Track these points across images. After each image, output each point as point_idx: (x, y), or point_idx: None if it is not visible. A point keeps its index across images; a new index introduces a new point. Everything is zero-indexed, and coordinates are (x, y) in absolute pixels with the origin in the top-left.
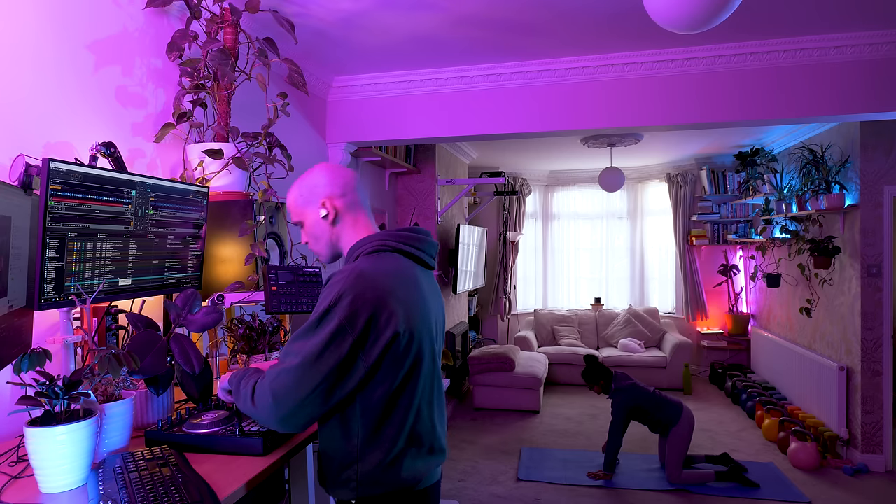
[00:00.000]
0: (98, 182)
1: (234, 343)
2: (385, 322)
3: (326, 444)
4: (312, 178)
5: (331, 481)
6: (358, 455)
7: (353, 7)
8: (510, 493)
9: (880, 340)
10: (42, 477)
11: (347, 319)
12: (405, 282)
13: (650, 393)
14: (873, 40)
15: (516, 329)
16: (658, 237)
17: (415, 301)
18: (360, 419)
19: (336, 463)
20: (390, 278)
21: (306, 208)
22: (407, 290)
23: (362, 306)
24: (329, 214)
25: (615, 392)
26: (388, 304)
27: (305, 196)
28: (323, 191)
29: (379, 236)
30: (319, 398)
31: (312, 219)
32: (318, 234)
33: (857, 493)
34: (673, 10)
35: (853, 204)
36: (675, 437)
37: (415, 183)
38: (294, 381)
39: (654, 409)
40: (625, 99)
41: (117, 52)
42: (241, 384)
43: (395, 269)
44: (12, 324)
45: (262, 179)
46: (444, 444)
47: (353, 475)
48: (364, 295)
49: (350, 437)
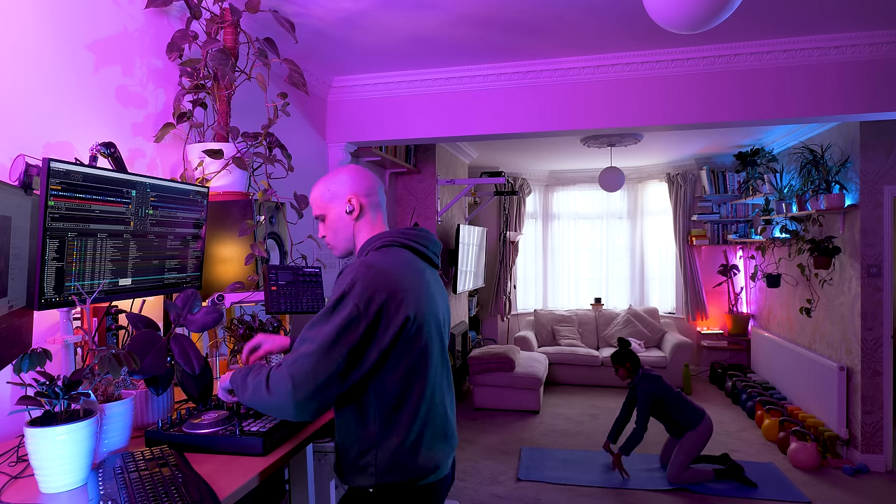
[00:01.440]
0: (98, 182)
1: (234, 343)
2: (395, 308)
3: (344, 433)
4: (342, 175)
5: (349, 469)
6: (376, 440)
7: (353, 7)
8: (510, 493)
9: (880, 340)
10: (42, 477)
11: (361, 306)
12: (412, 272)
13: (674, 391)
14: (873, 40)
15: (516, 329)
16: (658, 237)
17: (421, 290)
18: (375, 405)
19: (355, 450)
20: (399, 268)
21: (332, 202)
22: (414, 280)
23: (374, 293)
24: (354, 210)
25: (642, 378)
26: (397, 292)
27: (333, 191)
28: (350, 188)
29: (388, 234)
30: (336, 382)
31: (336, 213)
32: (338, 228)
33: (857, 493)
34: (673, 10)
35: (853, 204)
36: (688, 440)
37: (415, 183)
38: (312, 365)
39: (673, 409)
40: (625, 99)
41: (117, 52)
42: (248, 378)
43: (403, 261)
44: (12, 324)
45: (262, 179)
46: (455, 429)
47: (371, 460)
48: (375, 283)
49: (367, 424)
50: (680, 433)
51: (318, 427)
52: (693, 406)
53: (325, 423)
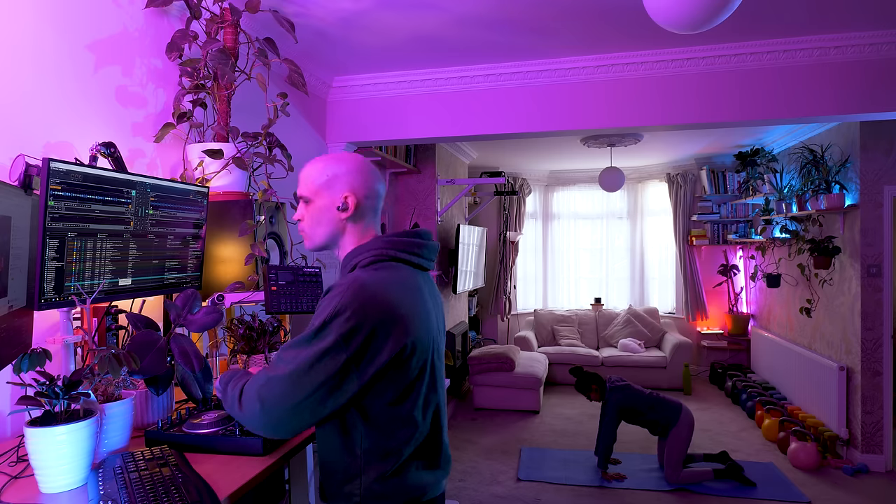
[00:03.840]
0: (98, 182)
1: (234, 343)
2: (383, 340)
3: (327, 455)
4: (346, 165)
5: (332, 495)
6: (361, 468)
7: (353, 7)
8: (510, 493)
9: (880, 340)
10: (42, 477)
11: (344, 337)
12: (407, 293)
13: (644, 394)
14: (874, 40)
15: (516, 329)
16: (658, 237)
17: (417, 312)
18: (361, 430)
19: (338, 476)
20: (392, 290)
21: (325, 190)
22: (410, 302)
23: (362, 322)
24: (348, 209)
25: (610, 391)
26: (389, 320)
27: (330, 178)
28: (351, 183)
29: (376, 245)
30: (308, 409)
31: (325, 203)
32: (321, 221)
33: (857, 493)
34: (673, 10)
35: (853, 204)
36: (674, 438)
37: (415, 183)
38: (283, 390)
39: (647, 410)
40: (625, 99)
41: (117, 52)
42: (228, 387)
43: (396, 279)
44: (12, 324)
45: (262, 179)
46: (448, 452)
47: (355, 489)
48: (364, 310)
49: (353, 449)
50: (664, 432)
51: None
52: (668, 402)
53: None
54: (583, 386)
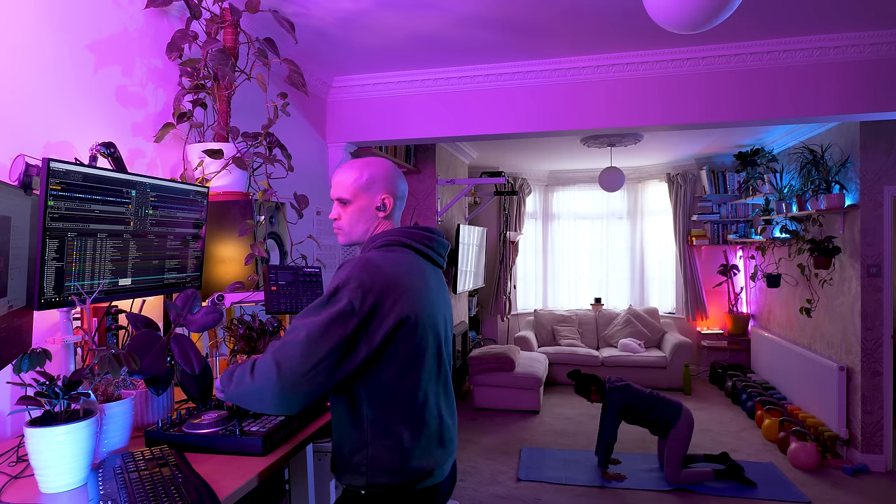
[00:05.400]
0: (98, 182)
1: (234, 343)
2: (389, 307)
3: (338, 431)
4: (384, 170)
5: (342, 466)
6: (368, 440)
7: (353, 7)
8: (510, 493)
9: (880, 340)
10: (42, 477)
11: (355, 301)
12: (411, 272)
13: (645, 394)
14: (874, 40)
15: (516, 329)
16: (658, 237)
17: (420, 291)
18: (367, 404)
19: (347, 447)
20: (399, 268)
21: (365, 192)
22: (412, 280)
23: (369, 290)
24: (387, 209)
25: (609, 392)
26: (392, 291)
27: (369, 181)
28: (387, 186)
29: (391, 232)
30: (321, 375)
31: (365, 204)
32: (361, 220)
33: (857, 493)
34: (673, 10)
35: (853, 204)
36: (674, 438)
37: (415, 183)
38: (299, 353)
39: (648, 410)
40: (625, 99)
41: (117, 52)
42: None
43: (405, 261)
44: (12, 324)
45: (262, 179)
46: (453, 435)
47: (363, 459)
48: (372, 280)
49: (360, 422)
50: (664, 432)
51: (318, 427)
52: (668, 401)
53: (325, 424)
54: (582, 389)
